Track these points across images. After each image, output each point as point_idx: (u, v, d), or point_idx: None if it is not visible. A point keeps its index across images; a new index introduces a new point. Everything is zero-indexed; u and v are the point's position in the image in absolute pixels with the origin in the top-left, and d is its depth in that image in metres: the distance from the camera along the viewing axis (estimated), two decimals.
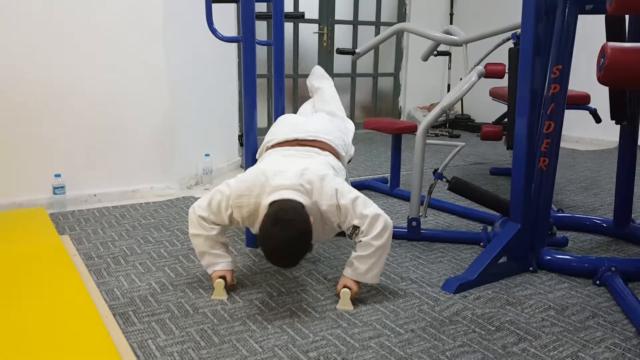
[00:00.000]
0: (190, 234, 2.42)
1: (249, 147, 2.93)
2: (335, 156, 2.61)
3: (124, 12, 3.72)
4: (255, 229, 2.31)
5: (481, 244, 3.04)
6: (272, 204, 2.19)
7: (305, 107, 3.32)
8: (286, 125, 2.78)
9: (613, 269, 2.55)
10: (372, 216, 2.27)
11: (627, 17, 2.92)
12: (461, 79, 3.20)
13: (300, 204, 2.19)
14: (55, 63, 3.58)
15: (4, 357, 1.85)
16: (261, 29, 6.19)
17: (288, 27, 6.40)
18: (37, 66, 3.54)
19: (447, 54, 4.71)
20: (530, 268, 2.70)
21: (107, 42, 3.71)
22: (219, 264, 2.42)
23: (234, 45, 4.80)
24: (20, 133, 3.55)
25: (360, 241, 2.29)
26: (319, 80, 3.35)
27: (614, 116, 3.06)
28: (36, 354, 1.89)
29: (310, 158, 2.50)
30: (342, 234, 2.42)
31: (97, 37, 3.67)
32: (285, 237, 2.09)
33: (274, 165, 2.41)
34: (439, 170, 3.11)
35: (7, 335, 2.00)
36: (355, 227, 2.27)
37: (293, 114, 3.11)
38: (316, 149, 2.57)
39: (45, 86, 3.58)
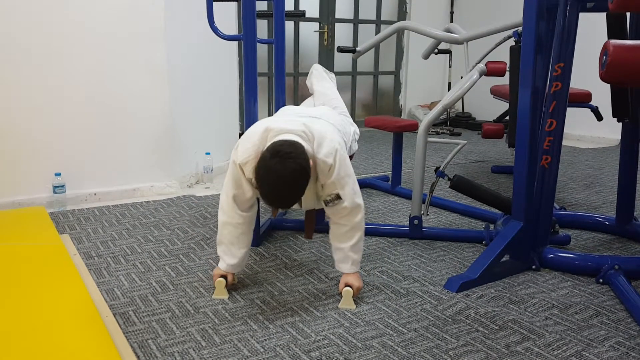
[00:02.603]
0: (219, 222, 2.40)
1: None
2: None
3: (125, 10, 3.71)
4: None
5: (483, 242, 3.03)
6: (272, 143, 2.15)
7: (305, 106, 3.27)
8: (289, 112, 2.76)
9: (616, 267, 2.54)
10: (358, 204, 2.30)
11: (628, 14, 2.91)
12: (462, 77, 3.19)
13: (302, 145, 2.16)
14: (55, 61, 3.57)
15: (4, 357, 1.84)
16: (262, 28, 6.18)
17: (289, 25, 6.41)
18: (36, 64, 3.52)
19: (447, 52, 4.70)
20: (533, 266, 2.69)
21: (108, 40, 3.70)
22: (224, 262, 2.39)
23: (235, 44, 4.79)
24: (19, 132, 3.54)
25: (337, 222, 2.32)
26: (319, 82, 3.25)
27: (615, 114, 3.05)
28: (36, 354, 1.88)
29: (315, 118, 2.48)
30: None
31: (97, 36, 3.66)
32: (283, 168, 2.04)
33: (275, 117, 2.41)
34: (441, 169, 3.10)
35: (7, 335, 1.99)
36: (338, 197, 2.26)
37: (294, 106, 3.08)
38: None
39: (45, 84, 3.56)
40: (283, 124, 2.26)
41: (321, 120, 2.45)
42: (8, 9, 3.40)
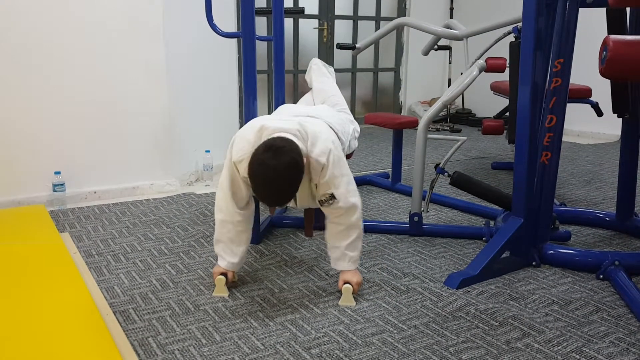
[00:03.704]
0: (216, 220, 2.38)
1: None
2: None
3: (123, 8, 3.70)
4: None
5: (484, 238, 3.03)
6: (266, 140, 2.14)
7: (302, 104, 3.22)
8: (286, 111, 2.75)
9: (616, 262, 2.54)
10: (353, 204, 2.28)
11: (627, 9, 2.90)
12: (462, 74, 3.18)
13: (295, 142, 2.15)
14: (54, 60, 3.56)
15: (4, 356, 1.85)
16: (261, 25, 6.17)
17: (288, 22, 6.40)
18: (36, 63, 3.52)
19: (447, 48, 4.69)
20: (533, 263, 2.69)
21: (107, 39, 3.69)
22: (224, 260, 2.39)
23: (234, 41, 4.78)
24: (19, 130, 3.54)
25: (333, 221, 2.31)
26: (318, 78, 3.22)
27: (615, 109, 3.04)
28: (36, 353, 1.88)
29: (312, 117, 2.47)
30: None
31: (96, 35, 3.65)
32: (276, 164, 2.02)
33: (272, 115, 2.39)
34: (441, 165, 3.10)
35: (7, 334, 1.99)
36: (332, 197, 2.25)
37: (293, 104, 3.07)
38: None
39: (45, 83, 3.56)
40: (278, 122, 2.25)
41: (317, 120, 2.44)
42: (8, 9, 3.40)
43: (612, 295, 2.40)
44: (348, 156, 2.82)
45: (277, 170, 2.02)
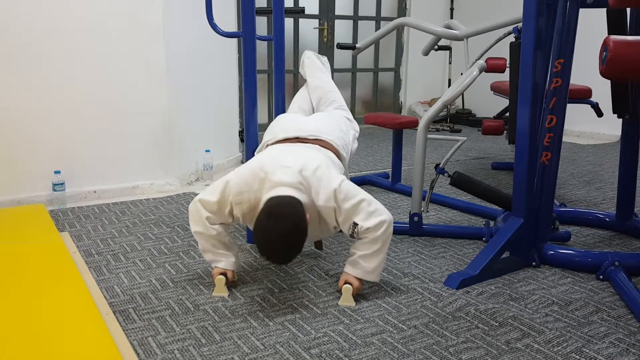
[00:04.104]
0: (193, 232, 2.41)
1: (250, 143, 2.92)
2: (336, 155, 2.59)
3: (123, 8, 3.70)
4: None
5: (483, 239, 3.03)
6: (269, 199, 2.17)
7: (299, 100, 3.21)
8: (286, 124, 2.75)
9: (616, 263, 2.54)
10: (378, 222, 2.25)
11: (628, 10, 2.90)
12: (462, 74, 3.18)
13: (298, 200, 2.17)
14: (55, 60, 3.56)
15: (4, 356, 1.84)
16: (261, 25, 6.17)
17: (288, 22, 6.40)
18: (36, 63, 3.52)
19: (447, 48, 4.69)
20: (533, 263, 2.69)
21: (107, 39, 3.69)
22: (221, 261, 2.41)
23: (234, 41, 4.78)
24: (19, 130, 3.54)
25: (362, 238, 2.29)
26: (313, 74, 3.20)
27: (615, 110, 3.04)
28: (36, 352, 1.88)
29: (311, 151, 2.47)
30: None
31: (97, 34, 3.65)
32: (279, 230, 2.06)
33: (273, 159, 2.36)
34: (441, 165, 3.10)
35: (7, 333, 1.99)
36: (356, 224, 2.25)
37: (292, 114, 3.07)
38: (317, 146, 2.55)
39: (45, 83, 3.56)
40: (281, 174, 2.24)
41: (318, 155, 2.42)
42: (7, 9, 3.39)
43: (612, 295, 2.40)
44: None
45: (279, 239, 2.07)
